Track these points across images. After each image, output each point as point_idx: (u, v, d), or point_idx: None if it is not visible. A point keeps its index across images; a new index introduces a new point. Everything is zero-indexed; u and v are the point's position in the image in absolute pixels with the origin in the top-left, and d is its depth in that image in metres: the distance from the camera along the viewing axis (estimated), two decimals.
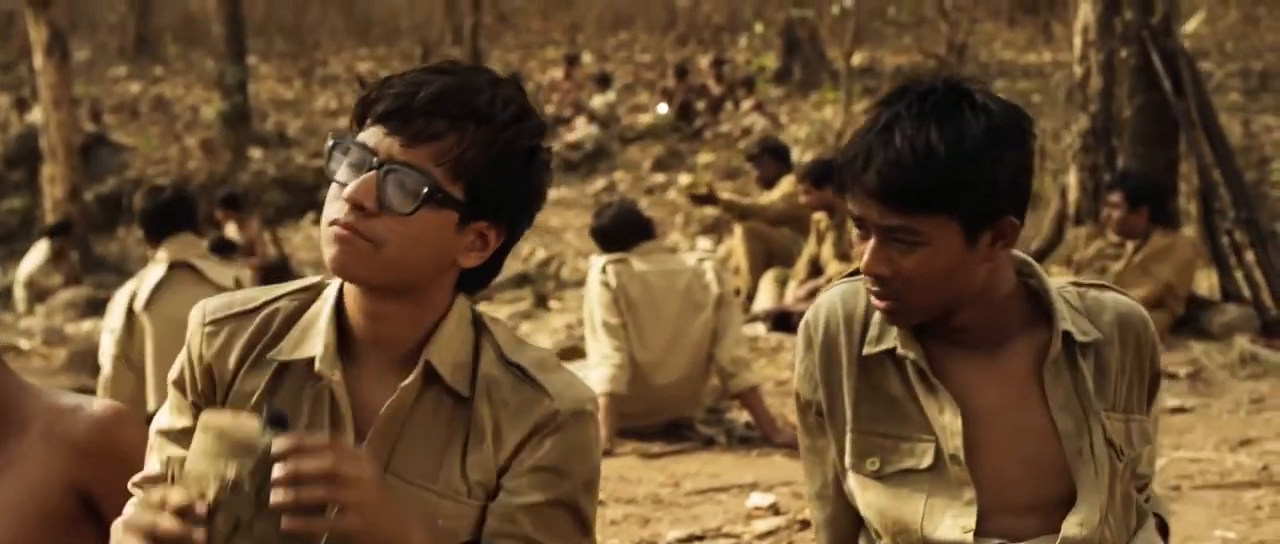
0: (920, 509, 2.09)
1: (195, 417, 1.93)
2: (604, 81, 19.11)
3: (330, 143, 1.82)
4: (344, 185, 1.78)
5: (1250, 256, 7.18)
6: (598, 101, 18.46)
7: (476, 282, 1.91)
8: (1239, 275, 7.14)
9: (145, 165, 17.68)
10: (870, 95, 18.63)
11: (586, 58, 22.20)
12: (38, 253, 12.61)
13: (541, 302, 10.94)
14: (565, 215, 15.98)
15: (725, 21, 23.43)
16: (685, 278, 5.82)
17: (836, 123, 15.32)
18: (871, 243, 1.97)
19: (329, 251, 1.80)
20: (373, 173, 1.76)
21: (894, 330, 2.08)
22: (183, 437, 1.94)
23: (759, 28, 18.33)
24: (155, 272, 5.53)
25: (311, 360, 1.88)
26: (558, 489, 1.91)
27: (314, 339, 1.89)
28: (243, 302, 1.95)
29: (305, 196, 16.78)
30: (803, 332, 2.18)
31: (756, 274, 8.62)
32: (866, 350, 2.11)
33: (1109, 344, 2.09)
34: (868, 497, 2.14)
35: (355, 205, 1.75)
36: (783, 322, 7.89)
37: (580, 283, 13.11)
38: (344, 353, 1.88)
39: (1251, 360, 6.33)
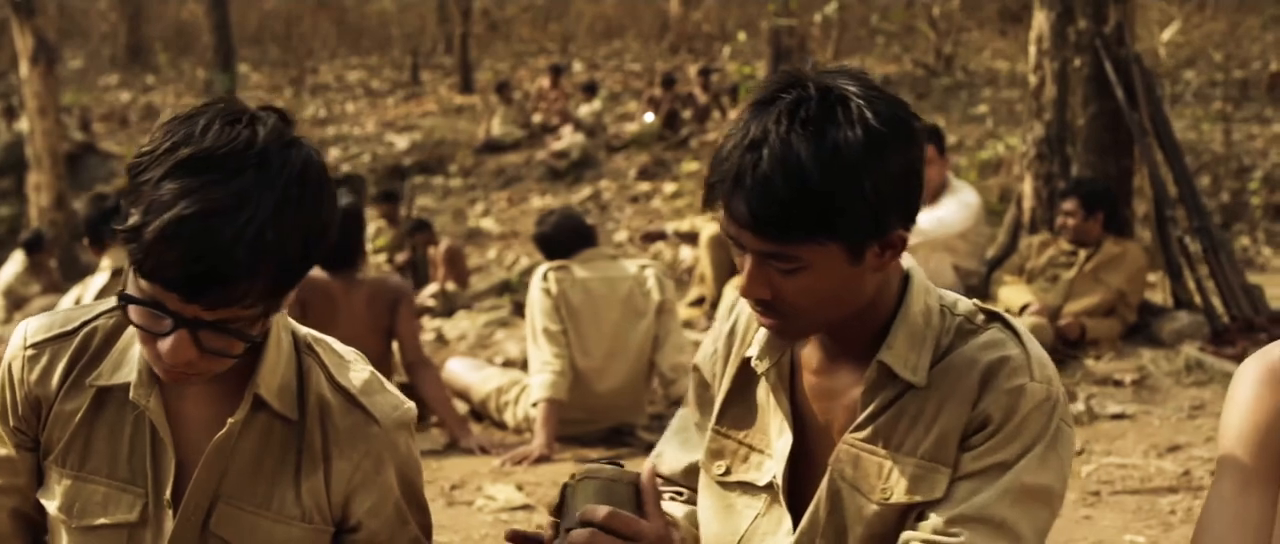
0: (743, 528, 2.01)
1: (16, 444, 1.95)
2: (591, 90, 19.15)
3: (121, 292, 1.74)
4: (152, 333, 1.73)
5: (1201, 264, 7.20)
6: (584, 110, 18.50)
7: None
8: (1191, 283, 7.16)
9: None
10: None
11: (577, 67, 22.25)
12: (15, 262, 12.66)
13: (519, 309, 10.96)
14: None
15: (716, 30, 23.48)
16: (627, 285, 5.86)
17: None
18: (749, 266, 1.82)
19: (161, 374, 1.79)
20: (182, 333, 1.70)
21: (762, 337, 1.97)
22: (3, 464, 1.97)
23: (743, 37, 18.33)
24: (98, 278, 5.59)
25: (126, 385, 1.89)
26: (413, 522, 2.02)
27: (130, 363, 1.89)
28: (63, 322, 1.95)
29: None
30: (722, 313, 2.12)
31: (721, 282, 8.64)
32: (747, 352, 2.01)
33: (931, 390, 1.88)
34: (706, 499, 2.09)
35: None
36: None
37: None
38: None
39: (1197, 367, 6.34)
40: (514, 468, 5.34)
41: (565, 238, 5.88)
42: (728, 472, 2.03)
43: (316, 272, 5.78)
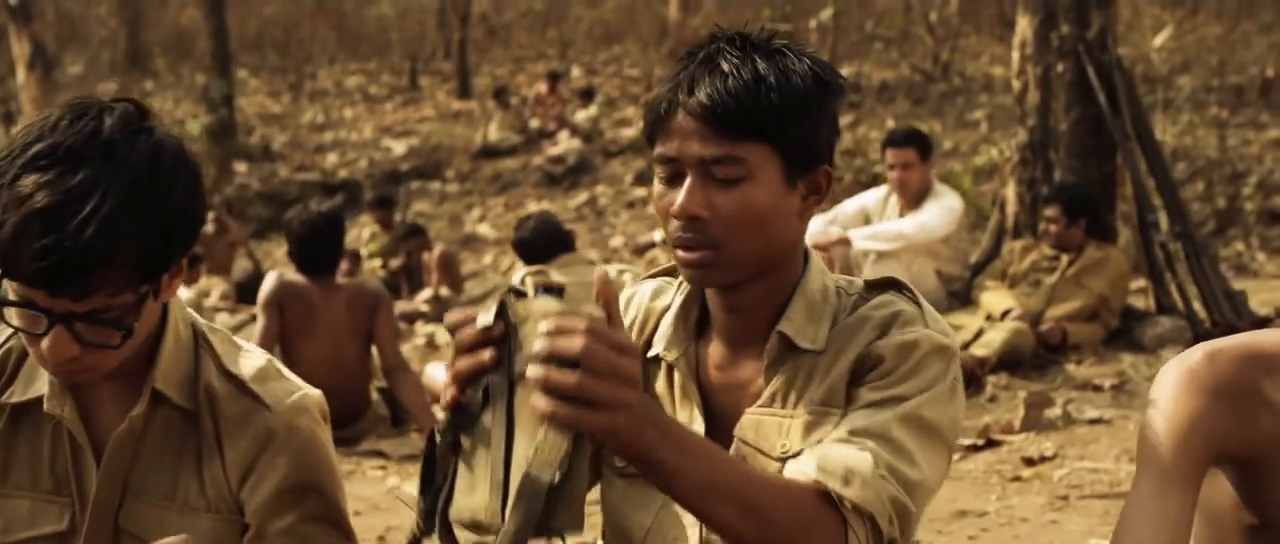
0: (648, 523, 2.01)
1: None
2: (588, 96, 19.17)
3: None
4: (33, 334, 1.75)
5: (1183, 270, 7.21)
6: (581, 116, 18.53)
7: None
8: (1173, 288, 7.17)
9: None
10: (854, 110, 18.72)
11: (576, 72, 22.26)
12: None
13: None
14: None
15: None
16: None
17: None
18: (688, 183, 1.84)
19: (53, 374, 1.82)
20: (59, 328, 1.72)
21: (666, 330, 2.00)
22: None
23: None
24: None
25: (41, 399, 1.90)
26: (308, 505, 1.94)
27: (42, 377, 1.91)
28: None
29: (289, 210, 16.86)
30: (620, 300, 2.02)
31: None
32: (649, 353, 2.01)
33: (827, 351, 1.91)
34: (609, 495, 2.08)
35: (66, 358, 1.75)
36: None
37: None
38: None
39: None
40: None
41: (543, 243, 5.92)
42: (627, 463, 1.96)
43: (294, 276, 5.82)
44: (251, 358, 1.98)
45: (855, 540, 1.74)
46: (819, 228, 7.25)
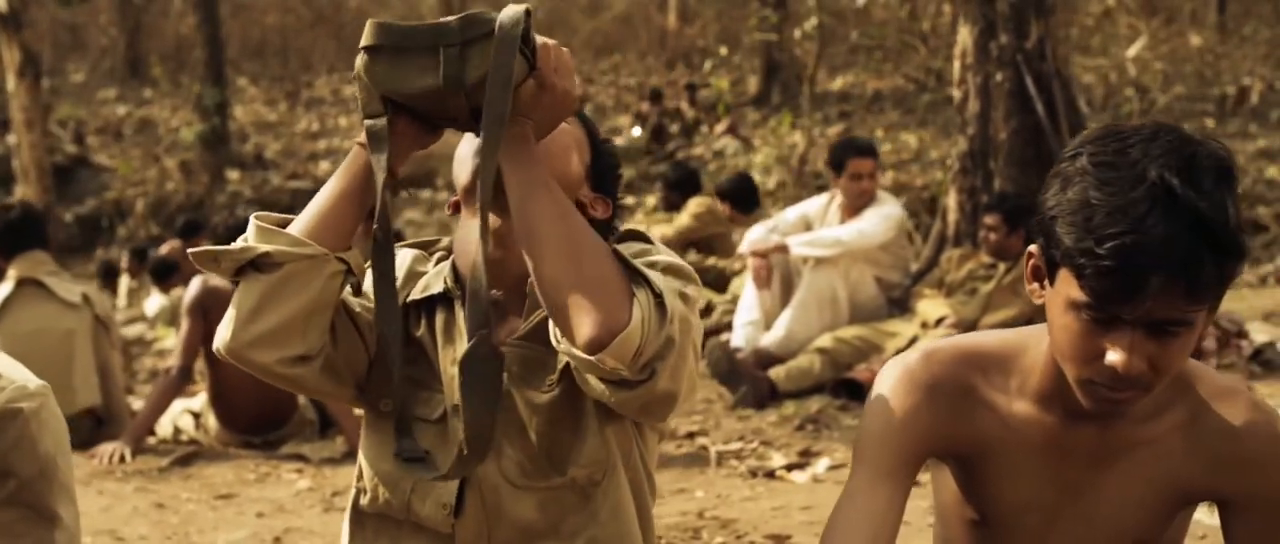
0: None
1: None
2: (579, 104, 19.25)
3: None
4: None
5: None
6: None
7: None
8: None
9: (124, 187, 17.93)
10: (845, 120, 18.75)
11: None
12: None
13: None
14: None
15: (713, 45, 23.55)
16: None
17: (802, 146, 15.42)
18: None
19: None
20: None
21: (443, 276, 2.18)
22: None
23: (724, 51, 18.41)
24: (2, 289, 5.70)
25: None
26: (4, 489, 2.03)
27: None
28: None
29: None
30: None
31: None
32: (414, 298, 2.19)
33: None
34: (371, 436, 2.19)
35: None
36: None
37: None
38: None
39: None
40: None
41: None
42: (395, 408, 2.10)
43: (218, 280, 5.88)
44: None
45: (640, 309, 1.87)
46: (759, 234, 7.31)
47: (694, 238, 8.80)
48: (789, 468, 5.29)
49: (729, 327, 7.43)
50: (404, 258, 2.24)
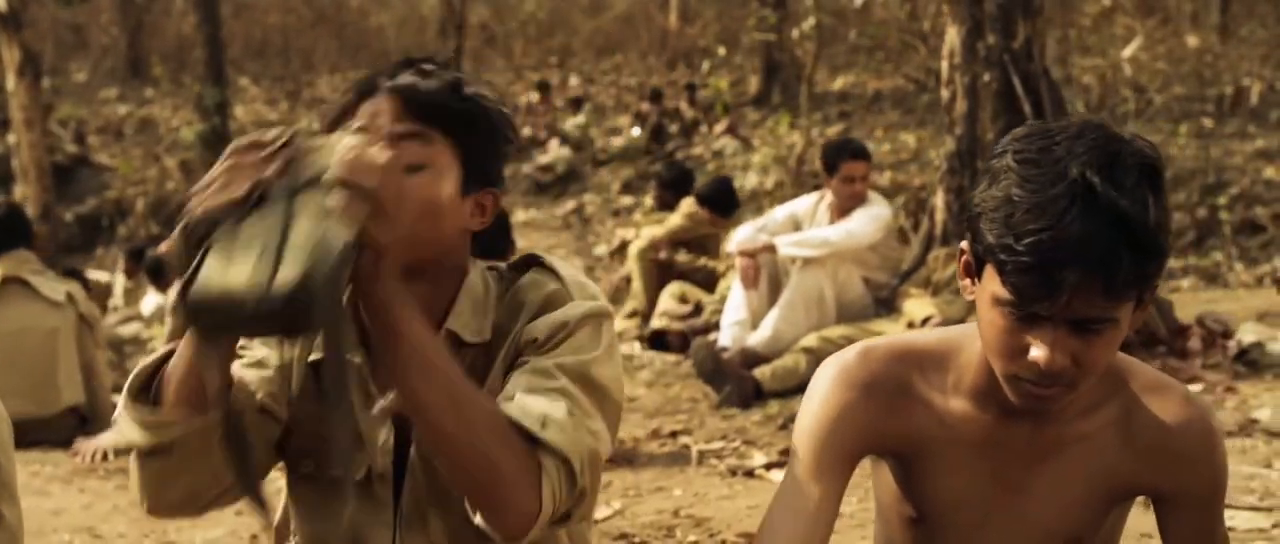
0: (339, 529, 2.00)
1: None
2: (579, 104, 19.27)
3: None
4: None
5: None
6: (571, 124, 18.62)
7: None
8: None
9: (125, 186, 17.96)
10: (845, 120, 18.75)
11: (574, 81, 22.38)
12: None
13: None
14: (532, 237, 16.10)
15: (714, 45, 23.57)
16: None
17: (800, 146, 15.44)
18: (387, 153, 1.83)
19: None
20: None
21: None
22: None
23: (722, 51, 18.42)
24: None
25: None
26: None
27: None
28: None
29: None
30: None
31: (652, 293, 8.72)
32: (313, 356, 2.02)
33: (493, 346, 2.00)
34: (297, 499, 2.10)
35: None
36: (659, 341, 8.01)
37: None
38: None
39: None
40: None
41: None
42: (317, 468, 2.04)
43: None
44: None
45: (549, 482, 1.80)
46: (747, 234, 7.32)
47: (685, 237, 8.81)
48: (768, 467, 5.30)
49: (717, 326, 7.43)
50: None
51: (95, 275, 13.27)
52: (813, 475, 2.01)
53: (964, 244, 1.88)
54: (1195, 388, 6.31)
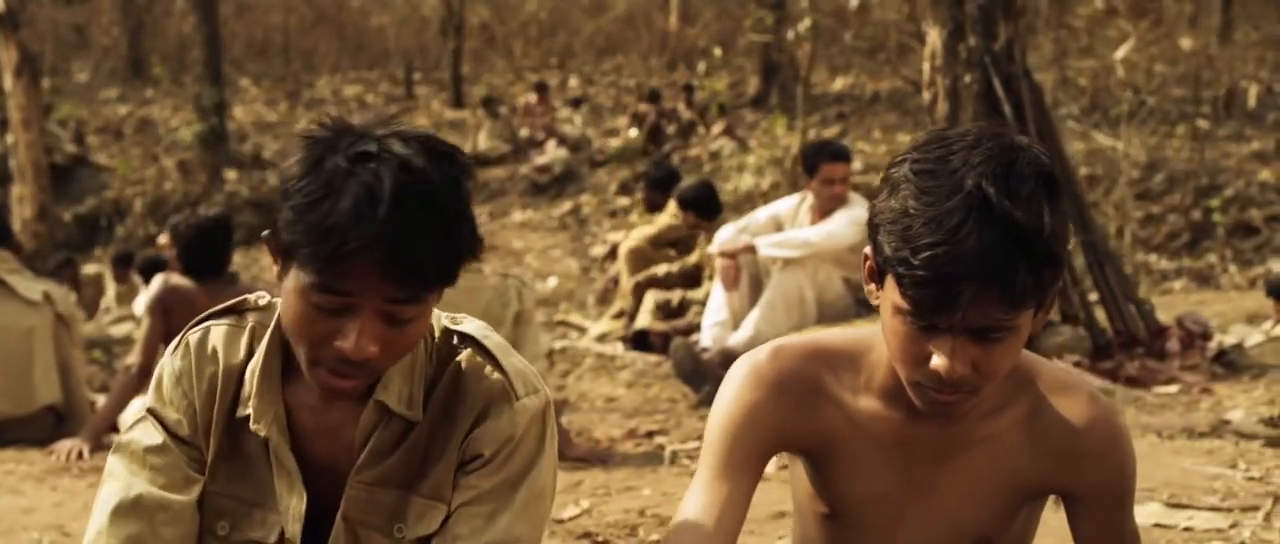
0: None
1: None
2: (578, 105, 19.29)
3: None
4: None
5: (1087, 279, 7.26)
6: (568, 125, 18.65)
7: None
8: (1075, 298, 7.21)
9: (123, 186, 18.01)
10: (843, 121, 18.77)
11: (573, 82, 22.40)
12: None
13: None
14: (528, 238, 16.15)
15: (714, 46, 23.58)
16: (486, 295, 5.96)
17: (795, 148, 15.44)
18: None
19: None
20: None
21: (255, 403, 1.95)
22: None
23: (718, 53, 18.44)
24: None
25: None
26: None
27: None
28: None
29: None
30: (191, 354, 2.01)
31: (638, 294, 8.75)
32: (238, 412, 1.99)
33: (428, 426, 1.98)
34: None
35: None
36: (641, 341, 8.03)
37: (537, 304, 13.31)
38: None
39: None
40: None
41: None
42: (231, 531, 2.02)
43: (180, 279, 5.94)
44: None
45: None
46: (729, 234, 7.33)
47: (673, 237, 8.83)
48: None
49: (699, 327, 7.45)
50: (212, 349, 2.01)
51: (88, 269, 13.34)
52: (722, 472, 2.03)
53: (867, 250, 1.89)
54: (1171, 389, 6.32)
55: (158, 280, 5.92)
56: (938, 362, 1.80)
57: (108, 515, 1.94)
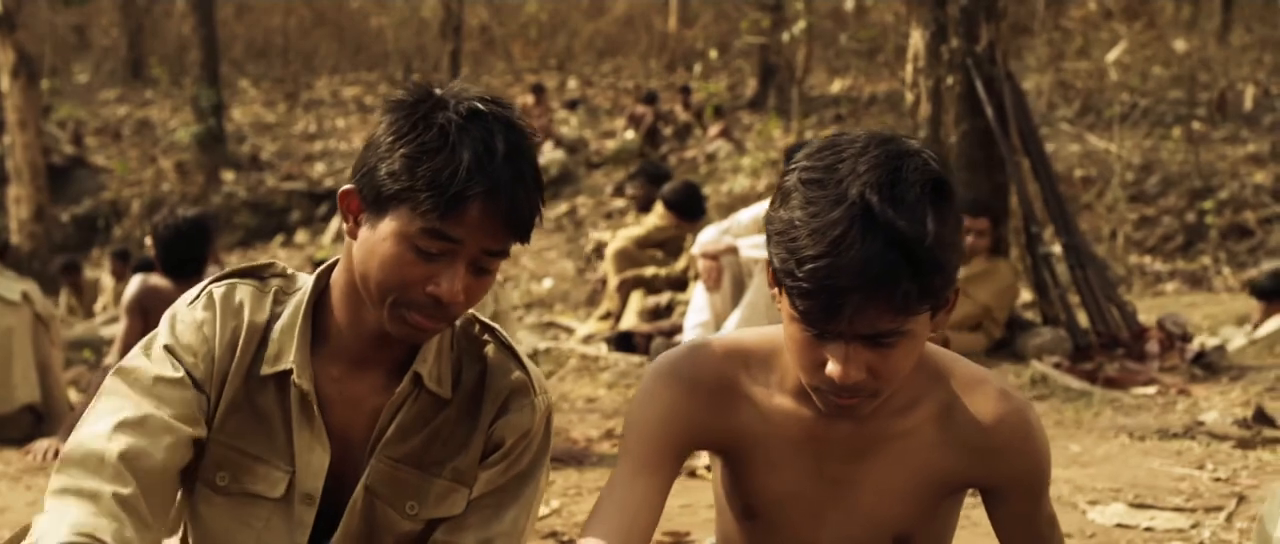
0: (253, 541, 2.04)
1: None
2: (573, 106, 19.32)
3: None
4: None
5: (1067, 280, 7.27)
6: (565, 127, 18.67)
7: None
8: (1057, 300, 7.22)
9: (121, 187, 18.05)
10: (839, 123, 18.76)
11: (573, 83, 22.42)
12: None
13: None
14: None
15: (714, 48, 23.61)
16: None
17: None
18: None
19: None
20: None
21: (293, 350, 2.01)
22: None
23: (714, 55, 18.46)
24: None
25: None
26: None
27: None
28: None
29: (275, 219, 17.09)
30: (217, 305, 2.03)
31: (623, 294, 8.76)
32: (263, 370, 2.03)
33: (455, 410, 2.07)
34: (204, 510, 2.07)
35: None
36: (625, 342, 8.03)
37: (528, 306, 13.33)
38: None
39: (1042, 382, 6.41)
40: None
41: None
42: (231, 482, 2.05)
43: (158, 279, 5.95)
44: None
45: None
46: (712, 235, 7.35)
47: (661, 238, 8.84)
48: (710, 467, 5.31)
49: (681, 328, 7.46)
50: (239, 303, 2.05)
51: (90, 274, 13.39)
52: (638, 470, 2.04)
53: (767, 257, 1.90)
54: (1149, 391, 6.33)
55: (136, 281, 5.93)
56: (832, 368, 1.82)
57: (112, 426, 1.91)
